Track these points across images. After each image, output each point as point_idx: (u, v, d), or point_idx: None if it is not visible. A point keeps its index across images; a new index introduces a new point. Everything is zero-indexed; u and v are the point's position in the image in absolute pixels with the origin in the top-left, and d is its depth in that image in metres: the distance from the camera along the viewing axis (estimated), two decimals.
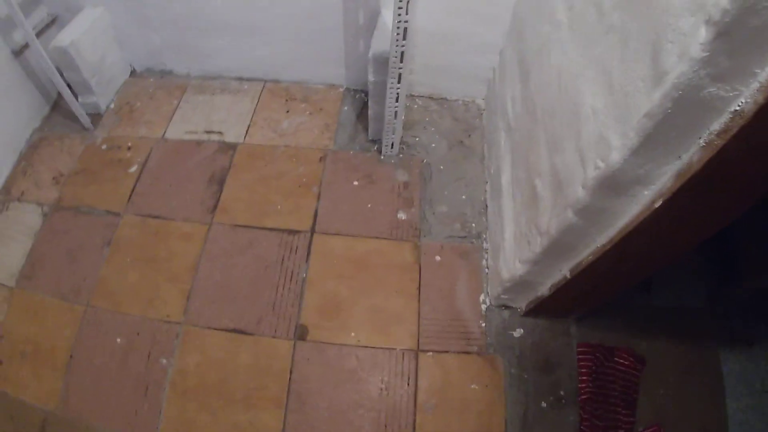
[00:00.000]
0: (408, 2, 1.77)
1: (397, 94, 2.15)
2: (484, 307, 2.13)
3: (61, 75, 2.68)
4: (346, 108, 2.70)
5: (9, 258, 2.44)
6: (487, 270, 2.21)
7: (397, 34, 1.90)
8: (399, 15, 1.81)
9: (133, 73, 3.15)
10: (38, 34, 2.70)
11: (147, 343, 2.09)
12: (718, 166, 0.96)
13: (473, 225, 2.32)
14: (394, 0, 1.77)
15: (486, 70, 2.54)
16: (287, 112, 2.69)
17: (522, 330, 2.10)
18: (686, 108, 0.90)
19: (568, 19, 1.50)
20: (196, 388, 2.00)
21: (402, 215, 2.32)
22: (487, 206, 2.36)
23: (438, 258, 2.23)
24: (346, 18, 2.47)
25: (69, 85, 2.77)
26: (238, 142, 2.60)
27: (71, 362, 2.07)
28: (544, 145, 1.62)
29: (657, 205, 1.13)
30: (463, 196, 2.39)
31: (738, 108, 0.87)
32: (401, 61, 2.03)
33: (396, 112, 2.23)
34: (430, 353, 2.04)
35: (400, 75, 2.07)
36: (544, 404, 1.97)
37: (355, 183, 2.41)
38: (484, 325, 2.10)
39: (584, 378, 1.99)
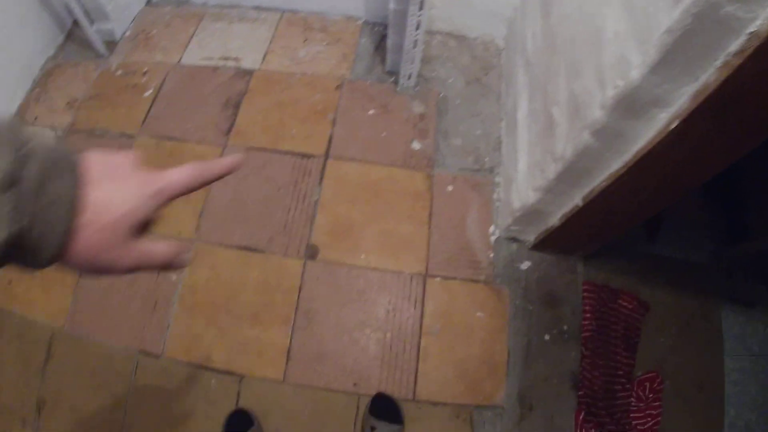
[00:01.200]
0: None
1: (418, 21, 2.13)
2: (493, 238, 2.14)
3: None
4: (364, 40, 2.68)
5: None
6: (498, 203, 2.21)
7: None
8: None
9: (149, 2, 3.12)
10: None
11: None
12: (733, 87, 0.97)
13: (486, 159, 2.32)
14: None
15: (507, 8, 2.52)
16: (305, 41, 2.67)
17: (529, 263, 2.11)
18: (705, 26, 0.91)
19: None
20: (204, 304, 2.03)
21: (416, 145, 2.32)
22: (501, 142, 2.36)
23: (450, 188, 2.23)
24: None
25: (85, 12, 2.76)
26: (254, 69, 2.58)
27: (79, 281, 2.09)
28: (563, 73, 1.61)
29: (672, 126, 1.13)
30: (478, 132, 2.39)
31: (754, 30, 0.87)
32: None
33: (416, 40, 2.21)
34: (438, 278, 2.05)
35: (422, 1, 2.05)
36: (547, 337, 2.00)
37: (371, 112, 2.40)
38: (492, 255, 2.11)
39: (588, 316, 2.01)
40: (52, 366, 1.96)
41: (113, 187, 0.49)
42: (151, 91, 2.60)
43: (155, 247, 0.54)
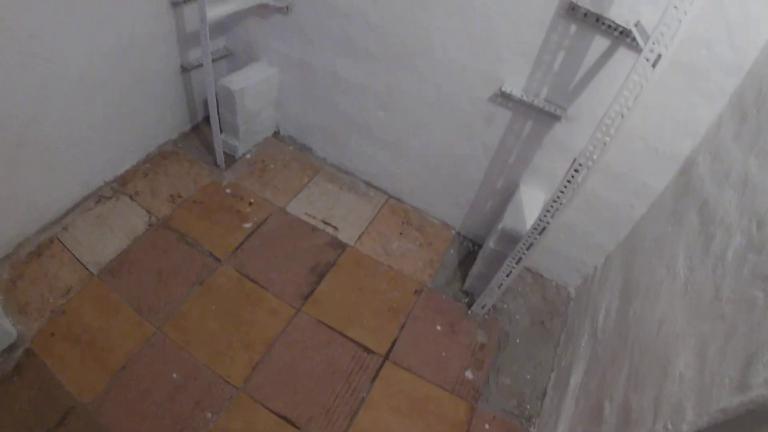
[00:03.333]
0: (556, 210, 1.96)
1: (511, 271, 2.32)
2: None
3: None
4: (452, 251, 2.88)
5: (101, 246, 2.61)
6: None
7: (535, 229, 2.09)
8: (544, 217, 2.00)
9: (276, 134, 3.43)
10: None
11: (200, 391, 2.17)
12: None
13: (528, 407, 2.41)
14: (543, 207, 1.97)
15: (587, 265, 2.71)
16: (400, 234, 2.89)
17: None
18: (757, 420, 1.01)
19: (685, 277, 1.63)
20: None
21: (469, 374, 2.43)
22: (546, 393, 2.45)
23: (487, 426, 2.30)
24: (485, 177, 2.71)
25: (220, 118, 3.02)
26: (348, 244, 2.78)
27: (122, 372, 2.16)
28: (625, 374, 1.70)
29: None
30: (528, 376, 2.50)
31: None
32: (527, 250, 2.21)
33: (502, 284, 2.39)
34: None
35: (521, 258, 2.25)
36: None
37: (438, 327, 2.54)
38: None
39: None
40: None
41: None
42: (251, 224, 2.80)
43: None
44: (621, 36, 1.98)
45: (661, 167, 2.17)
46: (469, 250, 2.90)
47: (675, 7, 1.44)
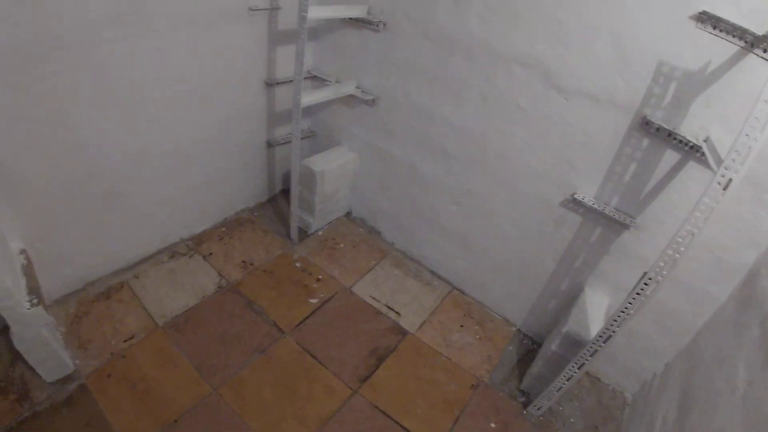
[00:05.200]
0: (623, 320, 1.96)
1: (572, 375, 2.29)
2: None
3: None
4: (511, 348, 2.87)
5: (170, 300, 2.73)
6: None
7: (600, 337, 2.08)
8: (610, 326, 1.99)
9: (348, 214, 3.60)
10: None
11: None
12: None
13: None
14: (608, 314, 1.97)
15: (646, 371, 2.64)
16: (461, 326, 2.92)
17: None
18: None
19: (743, 390, 1.59)
20: None
21: None
22: None
23: None
24: (551, 277, 2.74)
25: (300, 195, 3.20)
26: (409, 331, 2.83)
27: (173, 425, 2.19)
28: None
29: None
30: None
31: None
32: (591, 357, 2.19)
33: (561, 387, 2.36)
34: None
35: (584, 364, 2.23)
36: None
37: (492, 425, 2.50)
38: None
39: None
40: None
41: None
42: (317, 300, 2.90)
43: None
44: (691, 150, 2.06)
45: (725, 277, 2.17)
46: (528, 348, 2.89)
47: (746, 135, 1.50)
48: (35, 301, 2.07)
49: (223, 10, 2.61)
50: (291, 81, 3.19)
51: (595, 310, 2.50)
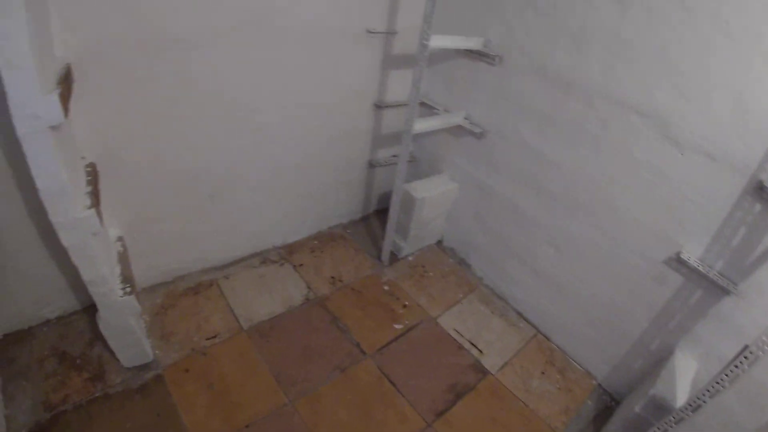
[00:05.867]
0: (716, 392, 1.80)
1: None
2: None
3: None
4: (590, 402, 2.72)
5: (257, 306, 2.80)
6: None
7: (689, 406, 1.91)
8: (702, 396, 1.83)
9: (439, 242, 3.58)
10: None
11: None
12: None
13: None
14: (700, 382, 1.82)
15: None
16: (542, 373, 2.80)
17: None
18: None
19: None
20: None
21: None
22: None
23: None
24: (641, 335, 2.57)
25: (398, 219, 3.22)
26: (490, 371, 2.75)
27: (244, 430, 2.20)
28: None
29: None
30: None
31: None
32: (676, 424, 2.03)
33: None
34: None
35: (667, 431, 2.07)
36: None
37: None
38: None
39: None
40: None
41: None
42: (401, 326, 2.89)
43: None
44: None
45: None
46: (606, 405, 2.72)
47: None
48: (128, 289, 2.11)
49: (342, 30, 2.71)
50: (400, 105, 3.26)
51: (683, 374, 2.32)
